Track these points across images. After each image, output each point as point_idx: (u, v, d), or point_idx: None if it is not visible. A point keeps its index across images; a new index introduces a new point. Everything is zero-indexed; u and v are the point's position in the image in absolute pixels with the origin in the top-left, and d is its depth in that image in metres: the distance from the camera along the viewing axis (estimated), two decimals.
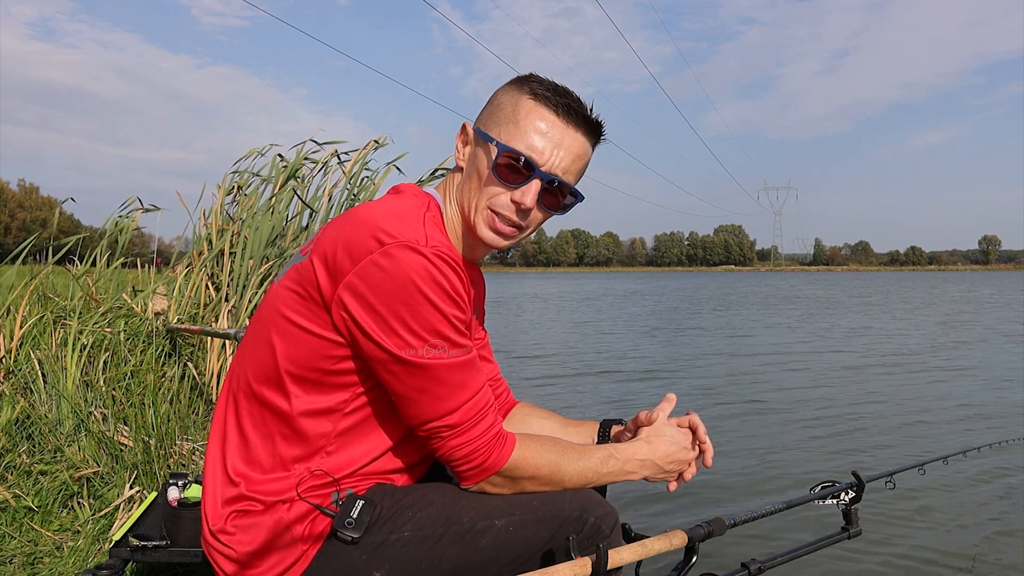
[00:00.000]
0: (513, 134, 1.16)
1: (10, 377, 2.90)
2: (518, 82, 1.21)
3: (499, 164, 1.16)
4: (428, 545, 1.11)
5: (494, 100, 1.22)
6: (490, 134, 1.18)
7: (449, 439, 1.10)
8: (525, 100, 1.18)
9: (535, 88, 1.18)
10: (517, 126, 1.16)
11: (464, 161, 1.23)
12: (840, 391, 6.21)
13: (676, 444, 1.29)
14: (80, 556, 2.18)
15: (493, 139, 1.17)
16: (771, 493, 3.38)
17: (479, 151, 1.20)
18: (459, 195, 1.23)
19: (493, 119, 1.20)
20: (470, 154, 1.22)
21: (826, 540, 1.51)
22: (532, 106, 1.17)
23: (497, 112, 1.20)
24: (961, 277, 74.36)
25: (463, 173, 1.23)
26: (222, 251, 3.95)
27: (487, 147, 1.18)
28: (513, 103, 1.19)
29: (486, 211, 1.19)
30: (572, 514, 1.14)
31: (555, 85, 1.19)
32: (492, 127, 1.19)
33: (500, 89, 1.23)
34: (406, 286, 1.03)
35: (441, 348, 1.06)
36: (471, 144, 1.22)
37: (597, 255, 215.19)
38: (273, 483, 1.10)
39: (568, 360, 8.52)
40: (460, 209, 1.23)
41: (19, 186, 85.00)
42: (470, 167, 1.21)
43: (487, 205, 1.18)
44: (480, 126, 1.21)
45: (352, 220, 1.10)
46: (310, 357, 1.09)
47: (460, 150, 1.23)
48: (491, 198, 1.18)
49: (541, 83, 1.19)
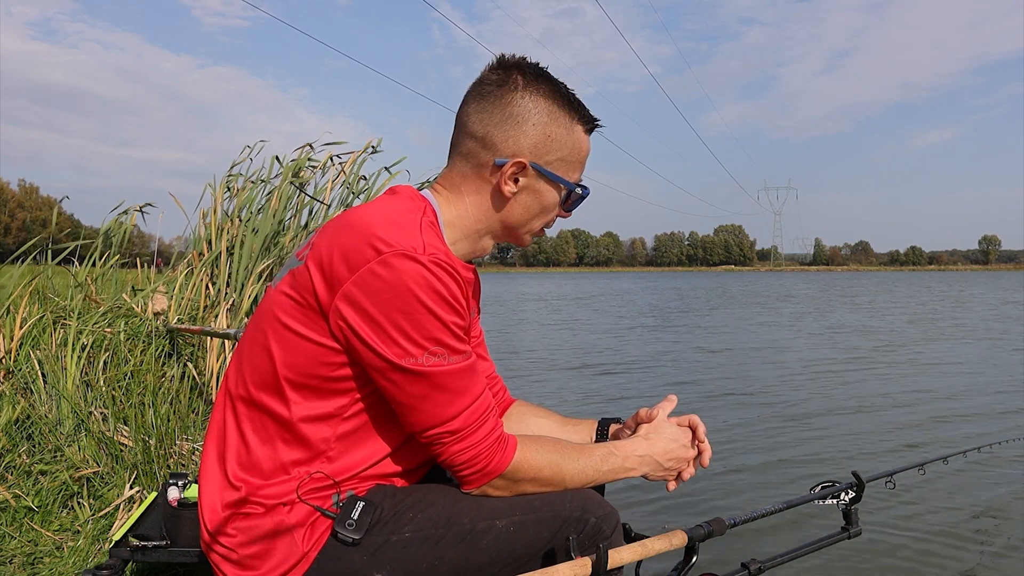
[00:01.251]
0: (575, 169, 1.25)
1: (10, 377, 2.90)
2: (565, 107, 1.20)
3: (570, 201, 1.27)
4: (429, 546, 1.11)
5: (535, 123, 1.18)
6: (557, 173, 1.21)
7: (451, 445, 1.10)
8: (582, 137, 1.24)
9: (585, 121, 1.23)
10: (580, 163, 1.25)
11: (514, 191, 1.20)
12: (840, 390, 6.21)
13: (675, 441, 1.30)
14: (80, 556, 2.18)
15: (565, 181, 1.23)
16: (771, 493, 3.38)
17: (543, 187, 1.22)
18: (506, 220, 1.24)
19: (552, 154, 1.20)
20: (527, 187, 1.21)
21: (826, 540, 1.51)
22: (586, 141, 1.25)
23: (555, 148, 1.20)
24: (961, 277, 74.35)
25: (512, 203, 1.22)
26: (224, 249, 3.94)
27: (556, 186, 1.23)
28: (571, 140, 1.22)
29: (539, 229, 1.29)
30: (573, 514, 1.14)
31: (584, 105, 1.24)
32: (557, 166, 1.21)
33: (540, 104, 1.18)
34: (404, 295, 1.02)
35: (441, 355, 1.06)
36: (528, 178, 1.20)
37: (597, 255, 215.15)
38: (274, 487, 1.10)
39: (560, 358, 8.52)
40: (501, 228, 1.25)
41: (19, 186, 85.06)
42: (530, 201, 1.23)
43: (543, 225, 1.28)
44: (537, 160, 1.19)
45: (348, 226, 1.09)
46: (309, 364, 1.09)
47: (510, 185, 1.19)
48: (549, 222, 1.28)
49: (582, 107, 1.23)
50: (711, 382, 6.79)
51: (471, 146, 1.20)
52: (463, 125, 1.21)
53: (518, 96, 1.18)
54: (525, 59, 1.21)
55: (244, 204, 4.25)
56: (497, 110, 1.18)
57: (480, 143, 1.19)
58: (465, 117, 1.21)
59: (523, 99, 1.17)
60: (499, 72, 1.19)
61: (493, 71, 1.20)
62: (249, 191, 4.34)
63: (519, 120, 1.17)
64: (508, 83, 1.18)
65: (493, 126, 1.18)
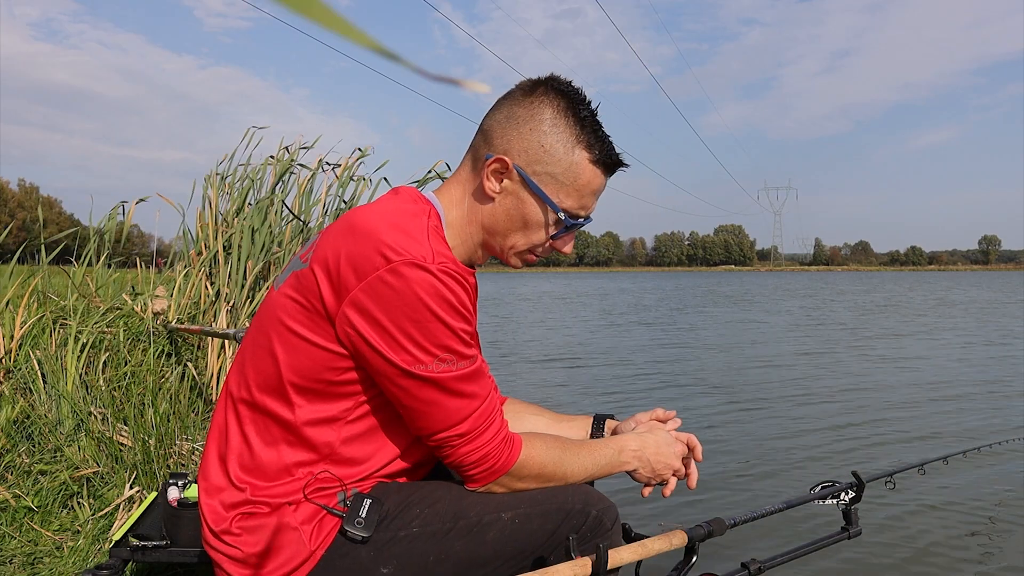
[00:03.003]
0: (570, 196, 1.17)
1: (10, 377, 2.90)
2: (575, 127, 1.15)
3: (555, 225, 1.19)
4: (436, 540, 1.12)
5: (533, 127, 1.15)
6: (544, 191, 1.15)
7: (460, 447, 1.11)
8: (586, 165, 1.16)
9: (596, 151, 1.16)
10: (577, 191, 1.17)
11: (497, 194, 1.17)
12: (840, 390, 6.21)
13: (668, 445, 1.32)
14: (80, 556, 2.18)
15: (549, 199, 1.15)
16: (771, 493, 3.38)
17: (527, 198, 1.16)
18: (486, 223, 1.19)
19: (542, 166, 1.15)
20: (511, 192, 1.16)
21: (826, 540, 1.51)
22: (593, 174, 1.17)
23: (546, 160, 1.15)
24: (961, 277, 74.36)
25: (494, 205, 1.17)
26: (220, 248, 3.94)
27: (541, 204, 1.16)
28: (569, 161, 1.15)
29: (525, 251, 1.21)
30: (575, 507, 1.16)
31: (607, 141, 1.18)
32: (546, 181, 1.15)
33: (546, 113, 1.15)
34: (414, 304, 1.03)
35: (450, 362, 1.06)
36: (512, 182, 1.16)
37: (597, 255, 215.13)
38: (279, 487, 1.11)
39: (555, 355, 8.52)
40: (484, 235, 1.21)
41: (19, 186, 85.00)
42: (512, 208, 1.17)
43: (527, 247, 1.21)
44: (524, 167, 1.15)
45: (354, 231, 1.08)
46: (313, 368, 1.09)
47: (491, 182, 1.16)
48: (534, 244, 1.20)
49: (598, 137, 1.16)
50: (711, 382, 6.78)
51: (476, 140, 1.21)
52: (480, 124, 1.22)
53: (530, 100, 1.17)
54: (568, 82, 1.19)
55: (237, 202, 4.23)
56: (506, 108, 1.18)
57: (482, 136, 1.20)
58: (486, 117, 1.22)
59: (532, 104, 1.17)
60: (533, 82, 1.20)
61: (529, 80, 1.21)
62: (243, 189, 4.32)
63: (519, 121, 1.17)
64: (533, 91, 1.18)
65: (496, 122, 1.18)
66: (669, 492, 1.34)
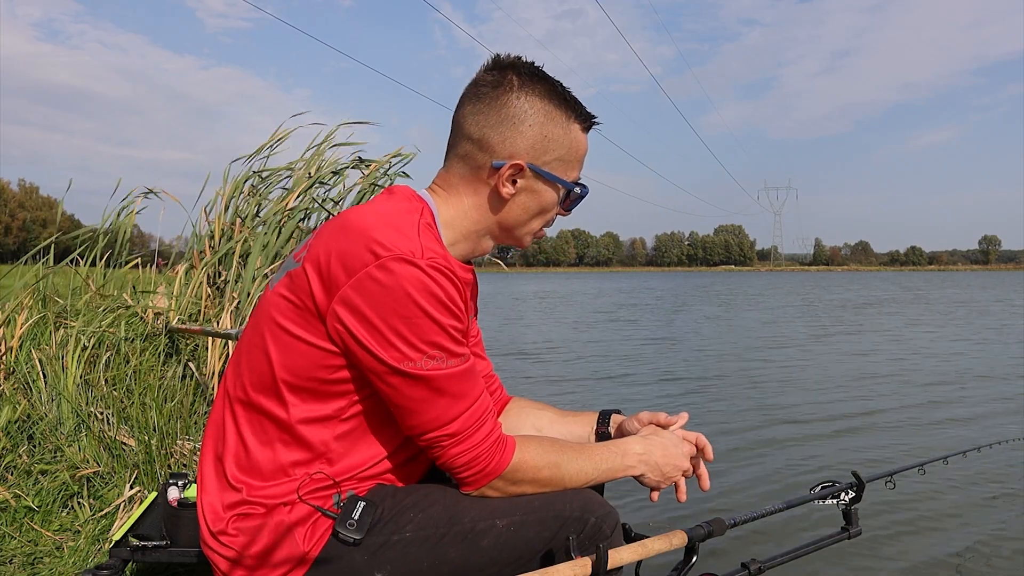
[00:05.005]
0: (573, 168, 1.23)
1: (10, 377, 2.90)
2: (562, 106, 1.19)
3: (569, 200, 1.25)
4: (430, 545, 1.11)
5: (532, 123, 1.17)
6: (555, 174, 1.20)
7: (450, 447, 1.09)
8: (579, 136, 1.22)
9: (582, 119, 1.22)
10: (578, 161, 1.23)
11: (512, 192, 1.19)
12: (840, 390, 6.21)
13: (676, 447, 1.30)
14: (80, 556, 2.18)
15: (563, 180, 1.21)
16: (771, 493, 3.38)
17: (541, 188, 1.21)
18: (504, 221, 1.22)
19: (549, 155, 1.19)
20: (524, 188, 1.20)
21: (826, 540, 1.51)
22: (584, 139, 1.23)
23: (552, 148, 1.18)
24: (961, 277, 74.31)
25: (511, 204, 1.20)
26: (228, 252, 3.92)
27: (553, 186, 1.21)
28: (569, 139, 1.20)
29: (539, 230, 1.27)
30: (573, 514, 1.14)
31: (580, 102, 1.22)
32: (555, 166, 1.20)
33: (535, 105, 1.17)
34: (402, 300, 1.02)
35: (439, 359, 1.05)
36: (526, 179, 1.19)
37: (597, 255, 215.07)
38: (274, 487, 1.10)
39: (555, 356, 8.52)
40: (498, 231, 1.23)
41: (19, 186, 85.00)
42: (528, 201, 1.21)
43: (541, 225, 1.26)
44: (534, 161, 1.18)
45: (345, 229, 1.08)
46: (306, 367, 1.08)
47: (508, 187, 1.18)
48: (549, 221, 1.27)
49: (578, 104, 1.21)
50: (710, 381, 6.78)
51: (468, 148, 1.19)
52: (460, 127, 1.20)
53: (514, 97, 1.16)
54: (520, 59, 1.20)
55: (255, 206, 4.22)
56: (493, 111, 1.17)
57: (477, 145, 1.18)
58: (461, 119, 1.20)
59: (519, 100, 1.16)
60: (494, 73, 1.18)
61: (488, 72, 1.19)
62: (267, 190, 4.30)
63: (515, 121, 1.16)
64: (504, 84, 1.17)
65: (490, 128, 1.17)
66: (683, 496, 1.32)
